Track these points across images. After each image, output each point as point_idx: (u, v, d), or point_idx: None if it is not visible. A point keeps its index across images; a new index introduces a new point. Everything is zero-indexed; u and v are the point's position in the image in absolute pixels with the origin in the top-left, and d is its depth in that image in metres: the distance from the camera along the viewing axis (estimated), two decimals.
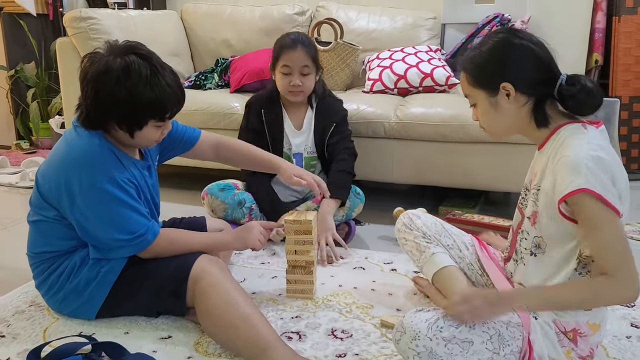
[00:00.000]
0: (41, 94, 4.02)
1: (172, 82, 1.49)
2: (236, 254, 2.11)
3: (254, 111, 2.35)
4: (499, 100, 1.28)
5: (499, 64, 1.26)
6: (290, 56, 2.21)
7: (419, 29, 3.17)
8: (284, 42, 2.26)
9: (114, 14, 3.08)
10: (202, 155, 1.90)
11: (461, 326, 1.18)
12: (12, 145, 4.00)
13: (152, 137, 1.55)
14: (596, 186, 1.13)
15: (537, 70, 1.24)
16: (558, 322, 1.22)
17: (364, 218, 2.49)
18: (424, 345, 1.16)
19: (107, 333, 1.56)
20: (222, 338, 1.45)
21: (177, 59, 3.33)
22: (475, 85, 1.31)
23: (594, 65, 3.21)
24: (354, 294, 1.81)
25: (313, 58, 2.25)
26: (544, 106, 1.26)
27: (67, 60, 3.02)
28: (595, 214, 1.14)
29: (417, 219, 1.66)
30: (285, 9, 3.34)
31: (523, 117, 1.28)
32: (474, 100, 1.34)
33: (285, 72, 2.23)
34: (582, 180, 1.13)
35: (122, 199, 1.49)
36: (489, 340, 1.18)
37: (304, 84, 2.24)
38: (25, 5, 3.99)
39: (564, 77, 1.23)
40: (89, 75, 1.47)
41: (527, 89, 1.25)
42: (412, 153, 2.54)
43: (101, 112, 1.47)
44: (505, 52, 1.26)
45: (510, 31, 1.28)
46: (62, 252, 1.58)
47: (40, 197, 1.56)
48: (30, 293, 1.78)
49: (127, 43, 1.51)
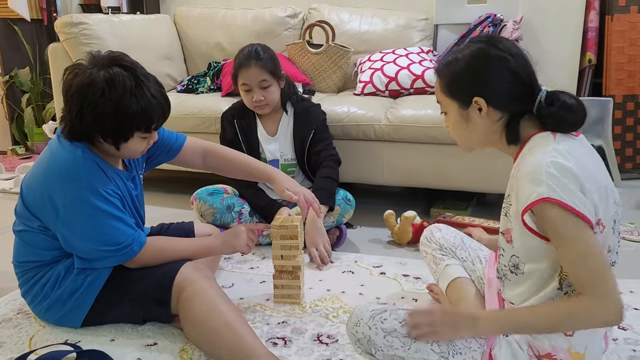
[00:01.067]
0: (36, 99, 4.03)
1: (156, 93, 1.48)
2: (225, 258, 2.12)
3: (228, 122, 2.37)
4: (470, 114, 1.20)
5: (473, 77, 1.18)
6: (246, 74, 2.24)
7: (411, 30, 3.16)
8: (238, 59, 2.28)
9: (105, 19, 3.08)
10: (189, 162, 1.87)
11: (405, 322, 1.17)
12: (8, 150, 4.01)
13: (137, 148, 1.54)
14: (559, 193, 1.04)
15: (513, 86, 1.16)
16: (532, 345, 1.15)
17: (355, 221, 2.48)
18: (363, 332, 1.19)
19: (92, 341, 1.56)
20: (206, 345, 1.45)
21: (170, 62, 3.33)
22: (447, 94, 1.23)
23: (587, 64, 3.20)
24: (341, 299, 1.81)
25: (270, 70, 2.25)
26: (518, 122, 1.18)
27: (60, 66, 3.01)
28: (562, 224, 1.05)
29: (438, 232, 1.67)
30: (278, 12, 3.34)
31: (494, 132, 1.21)
32: (445, 109, 1.27)
33: (245, 90, 2.27)
34: (543, 189, 1.05)
35: (107, 211, 1.49)
36: (436, 343, 1.16)
37: (266, 97, 2.26)
38: (20, 10, 3.99)
39: (543, 94, 1.16)
40: (72, 88, 1.45)
41: (501, 105, 1.18)
42: (403, 155, 2.53)
43: (86, 125, 1.46)
44: (481, 65, 1.17)
45: (490, 41, 1.19)
46: (47, 262, 1.58)
47: (25, 207, 1.56)
48: (18, 301, 1.78)
49: (110, 54, 1.49)
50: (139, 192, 1.72)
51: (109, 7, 3.88)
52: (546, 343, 1.14)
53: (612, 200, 1.13)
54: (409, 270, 2.03)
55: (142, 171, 1.76)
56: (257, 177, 1.92)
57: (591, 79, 3.29)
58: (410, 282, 1.93)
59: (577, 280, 1.06)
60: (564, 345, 1.13)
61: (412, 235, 2.28)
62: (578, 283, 1.06)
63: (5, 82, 3.96)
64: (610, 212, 1.12)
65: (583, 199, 1.06)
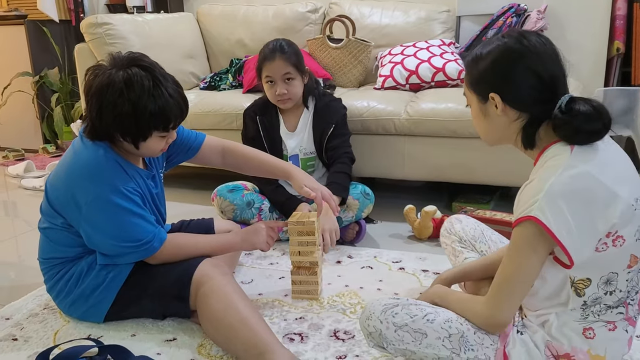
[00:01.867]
0: (65, 98, 4.11)
1: (174, 93, 1.51)
2: (245, 254, 2.14)
3: (250, 118, 2.39)
4: (488, 109, 1.20)
5: (492, 72, 1.17)
6: (270, 67, 2.25)
7: (433, 23, 3.12)
8: (263, 53, 2.30)
9: (129, 19, 3.13)
10: (208, 161, 1.89)
11: (416, 317, 1.18)
12: (39, 149, 4.11)
13: (156, 147, 1.57)
14: (547, 217, 1.04)
15: (532, 88, 1.13)
16: (550, 345, 1.14)
17: (376, 216, 2.48)
18: (374, 326, 1.21)
19: (114, 336, 1.60)
20: (222, 341, 1.47)
21: (193, 60, 3.37)
22: (469, 87, 1.23)
23: (615, 53, 3.12)
24: (359, 294, 1.82)
25: (295, 64, 2.26)
26: (538, 127, 1.15)
27: (86, 66, 2.99)
28: (525, 242, 1.08)
29: (458, 224, 1.67)
30: (298, 7, 3.34)
31: (512, 132, 1.19)
32: (469, 102, 1.27)
33: (269, 82, 2.28)
34: (534, 207, 1.05)
35: (128, 208, 1.52)
36: (447, 339, 1.16)
37: (289, 91, 2.26)
38: (48, 12, 4.08)
39: (564, 100, 1.10)
40: (92, 88, 1.49)
41: (518, 104, 1.15)
42: (423, 149, 2.52)
43: (106, 124, 1.50)
44: (503, 61, 1.15)
45: (518, 37, 1.15)
46: (70, 258, 1.63)
47: (49, 205, 1.61)
48: (44, 296, 1.83)
49: (130, 55, 1.53)
50: (159, 190, 1.75)
51: (134, 7, 3.94)
52: (565, 343, 1.13)
53: (639, 211, 1.08)
54: (429, 266, 2.02)
55: (162, 170, 1.79)
56: (275, 174, 1.93)
57: (620, 68, 3.20)
58: (430, 278, 1.92)
59: (492, 285, 1.14)
60: (584, 347, 1.12)
61: (432, 230, 2.26)
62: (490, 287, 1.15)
63: (35, 83, 4.06)
64: (636, 223, 1.08)
65: (570, 224, 1.04)
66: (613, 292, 1.10)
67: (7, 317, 1.72)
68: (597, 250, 1.07)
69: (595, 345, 1.12)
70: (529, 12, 3.00)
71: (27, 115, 4.19)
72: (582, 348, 1.12)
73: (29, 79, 4.06)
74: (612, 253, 1.07)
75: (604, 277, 1.09)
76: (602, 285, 1.10)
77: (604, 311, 1.11)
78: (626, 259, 1.09)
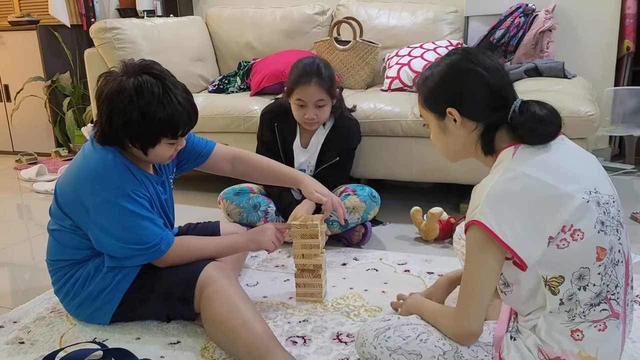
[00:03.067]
0: (77, 102, 4.16)
1: (183, 101, 1.52)
2: (251, 256, 2.15)
3: (267, 124, 2.34)
4: (447, 125, 1.24)
5: (446, 89, 1.22)
6: (304, 91, 2.17)
7: (441, 24, 3.12)
8: (298, 74, 2.18)
9: (138, 24, 3.16)
10: (217, 168, 1.90)
11: (409, 338, 1.19)
12: (52, 152, 4.16)
13: (165, 154, 1.58)
14: (489, 219, 1.08)
15: (485, 97, 1.18)
16: (542, 349, 1.14)
17: (384, 217, 2.48)
18: (369, 352, 1.23)
19: (119, 338, 1.61)
20: (225, 344, 1.48)
21: (202, 63, 3.39)
22: (425, 107, 1.28)
23: (625, 52, 3.10)
24: (364, 297, 1.81)
25: (328, 89, 2.18)
26: (494, 133, 1.19)
27: (95, 70, 3.12)
28: (472, 244, 1.11)
29: None
30: (306, 10, 3.35)
31: (471, 142, 1.23)
32: (427, 122, 1.31)
33: (299, 105, 2.20)
34: (476, 211, 1.09)
35: (135, 211, 1.54)
36: (442, 356, 1.16)
37: (318, 116, 2.20)
38: (60, 17, 4.13)
39: (517, 104, 1.16)
40: (103, 94, 1.51)
41: (474, 115, 1.20)
42: (431, 151, 2.50)
43: (115, 130, 1.51)
44: (453, 77, 1.21)
45: (463, 54, 1.22)
46: (77, 260, 1.65)
47: (58, 207, 1.63)
48: (52, 300, 1.85)
49: (142, 62, 1.54)
50: (168, 196, 1.76)
51: (144, 11, 3.98)
52: (555, 347, 1.12)
53: (594, 204, 1.10)
54: (434, 268, 2.01)
55: (172, 176, 1.80)
56: (285, 181, 1.93)
57: (630, 67, 3.18)
58: (435, 280, 1.91)
59: (459, 296, 1.16)
60: (574, 349, 1.12)
61: (438, 232, 2.26)
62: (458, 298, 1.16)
63: (48, 87, 4.11)
64: (592, 216, 1.09)
65: (514, 226, 1.07)
66: (586, 286, 1.10)
67: (14, 321, 1.75)
68: (558, 247, 1.09)
69: (585, 347, 1.12)
70: (537, 11, 2.98)
71: (39, 119, 4.25)
72: (573, 350, 1.12)
73: (41, 83, 4.11)
74: (576, 248, 1.08)
75: (575, 273, 1.10)
76: (575, 280, 1.10)
77: (588, 310, 1.11)
78: (592, 252, 1.10)
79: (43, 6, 4.33)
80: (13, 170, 3.87)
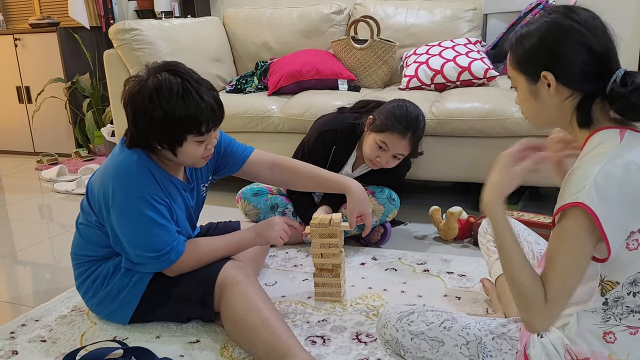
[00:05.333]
0: (96, 103, 4.20)
1: (206, 96, 1.50)
2: (270, 256, 2.15)
3: (324, 144, 2.21)
4: (539, 89, 1.12)
5: (542, 50, 1.09)
6: (395, 141, 2.06)
7: (459, 21, 3.09)
8: (397, 120, 2.05)
9: (156, 25, 3.17)
10: (256, 176, 1.86)
11: (433, 324, 1.16)
12: (72, 153, 4.21)
13: (195, 153, 1.55)
14: (595, 204, 0.98)
15: (586, 63, 1.06)
16: (570, 349, 1.10)
17: (404, 217, 2.47)
18: (391, 334, 1.20)
19: (139, 338, 1.62)
20: (244, 343, 1.48)
21: (219, 64, 3.40)
22: (516, 68, 1.16)
23: None
24: (383, 296, 1.80)
25: (414, 148, 2.12)
26: (591, 104, 1.08)
27: (115, 71, 3.15)
28: (575, 230, 1.00)
29: None
30: (323, 9, 3.34)
31: (565, 112, 1.11)
32: (515, 84, 1.20)
33: (380, 146, 2.09)
34: (581, 194, 0.99)
35: (150, 217, 1.53)
36: (465, 346, 1.13)
37: (389, 163, 2.12)
38: (80, 19, 4.18)
39: (619, 74, 1.04)
40: (127, 97, 1.52)
41: (571, 82, 1.08)
42: (450, 150, 2.49)
43: (140, 131, 1.52)
44: (552, 37, 1.08)
45: (566, 11, 1.08)
46: (98, 257, 1.66)
47: (88, 202, 1.65)
48: (73, 298, 1.87)
49: (164, 62, 1.54)
50: (195, 204, 1.75)
51: (162, 12, 4.00)
52: (585, 347, 1.09)
53: None
54: (454, 268, 1.99)
55: (206, 184, 1.78)
56: (332, 188, 1.84)
57: None
58: (454, 280, 1.90)
59: (548, 283, 1.02)
60: (605, 352, 1.08)
61: (458, 232, 2.24)
62: (547, 286, 1.02)
63: (68, 88, 4.15)
64: None
65: (610, 214, 0.98)
66: (637, 293, 1.06)
67: (36, 319, 1.77)
68: (627, 247, 1.02)
69: (616, 350, 1.08)
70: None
71: (60, 120, 4.29)
72: (603, 353, 1.08)
73: (62, 85, 4.16)
74: None
75: (630, 277, 1.05)
76: (627, 285, 1.05)
77: (626, 315, 1.07)
78: None
79: (63, 8, 4.38)
80: (34, 171, 3.92)
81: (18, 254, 2.43)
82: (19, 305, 1.93)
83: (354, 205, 1.76)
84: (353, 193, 1.77)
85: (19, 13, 4.72)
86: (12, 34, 4.30)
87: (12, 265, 2.32)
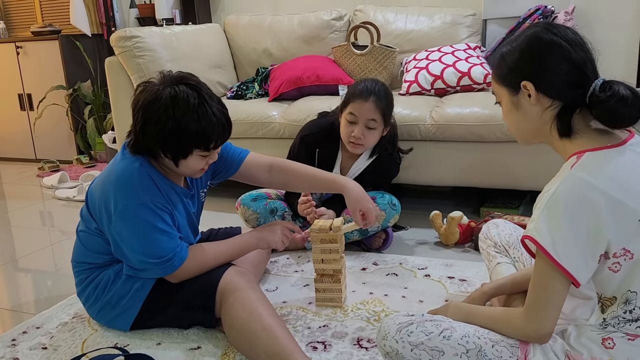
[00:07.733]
0: (98, 110, 4.22)
1: (218, 113, 1.51)
2: (271, 261, 2.15)
3: (307, 147, 2.25)
4: (520, 100, 1.17)
5: (522, 61, 1.14)
6: (358, 106, 2.10)
7: (458, 27, 3.10)
8: (358, 89, 2.14)
9: (157, 32, 3.18)
10: (253, 178, 1.86)
11: (432, 334, 1.16)
12: (74, 160, 4.22)
13: (196, 166, 1.57)
14: (545, 238, 1.04)
15: (564, 72, 1.10)
16: (570, 355, 1.11)
17: (403, 222, 2.46)
18: (390, 346, 1.19)
19: (140, 344, 1.62)
20: (245, 349, 1.48)
21: (220, 70, 3.41)
22: (499, 82, 1.20)
23: None
24: (384, 302, 1.80)
25: (383, 112, 2.13)
26: (571, 114, 1.12)
27: (116, 78, 3.16)
28: (539, 260, 1.08)
29: (494, 229, 1.65)
30: (323, 15, 3.35)
31: (545, 121, 1.15)
32: (499, 98, 1.24)
33: (350, 120, 2.13)
34: (532, 226, 1.06)
35: (152, 223, 1.53)
36: (465, 354, 1.13)
37: (365, 137, 2.12)
38: (81, 27, 4.20)
39: (598, 83, 1.08)
40: (139, 103, 1.52)
41: (551, 91, 1.12)
42: (450, 154, 2.49)
43: (148, 139, 1.52)
44: (532, 49, 1.13)
45: (545, 26, 1.14)
46: (99, 265, 1.67)
47: (87, 209, 1.65)
48: (74, 306, 1.87)
49: (179, 73, 1.55)
50: (196, 210, 1.76)
51: (163, 19, 4.02)
52: (585, 353, 1.10)
53: None
54: (455, 272, 1.99)
55: (204, 190, 1.80)
56: (329, 187, 1.84)
57: None
58: (455, 285, 1.90)
59: (527, 298, 1.11)
60: (605, 357, 1.09)
61: (459, 236, 2.24)
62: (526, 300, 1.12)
63: (69, 95, 4.17)
64: None
65: (569, 244, 1.04)
66: (632, 310, 1.08)
67: (37, 326, 1.77)
68: (610, 269, 1.06)
69: (616, 355, 1.08)
70: (556, 13, 2.95)
71: (61, 127, 4.31)
72: (603, 358, 1.09)
73: (63, 92, 4.17)
74: (627, 269, 1.05)
75: (623, 296, 1.07)
76: (622, 305, 1.08)
77: (623, 324, 1.09)
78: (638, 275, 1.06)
79: (65, 16, 4.40)
80: (36, 178, 3.93)
81: (19, 261, 2.43)
82: (20, 312, 1.93)
83: (354, 204, 1.76)
84: (351, 191, 1.77)
85: (21, 21, 4.74)
86: (14, 41, 4.33)
87: (13, 272, 2.32)
